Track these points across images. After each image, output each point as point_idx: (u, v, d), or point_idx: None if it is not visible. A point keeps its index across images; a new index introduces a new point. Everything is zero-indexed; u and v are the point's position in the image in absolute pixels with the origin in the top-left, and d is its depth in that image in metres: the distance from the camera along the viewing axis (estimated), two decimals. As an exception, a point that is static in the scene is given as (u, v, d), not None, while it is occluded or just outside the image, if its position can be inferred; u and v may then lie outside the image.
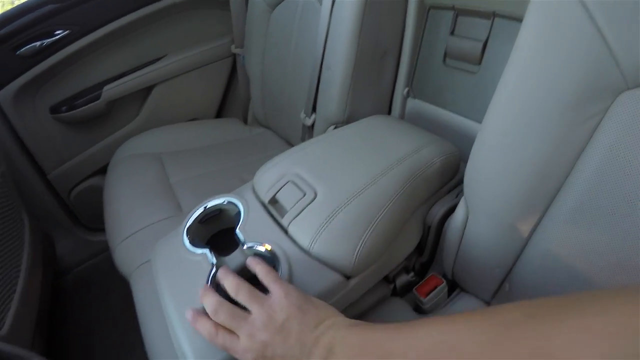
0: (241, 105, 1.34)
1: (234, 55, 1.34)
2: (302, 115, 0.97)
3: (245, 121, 1.35)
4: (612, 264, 0.44)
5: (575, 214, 0.46)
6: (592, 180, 0.44)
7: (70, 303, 1.22)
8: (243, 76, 1.29)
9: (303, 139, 1.02)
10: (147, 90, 1.31)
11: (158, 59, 1.29)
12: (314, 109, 0.93)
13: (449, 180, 0.71)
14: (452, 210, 0.65)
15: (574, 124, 0.43)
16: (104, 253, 1.31)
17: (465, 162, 0.57)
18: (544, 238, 0.51)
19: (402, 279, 0.72)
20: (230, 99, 1.46)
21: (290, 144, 1.14)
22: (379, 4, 0.77)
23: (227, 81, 1.42)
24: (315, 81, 0.90)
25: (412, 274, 0.74)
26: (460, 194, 0.61)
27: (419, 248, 0.76)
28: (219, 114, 1.47)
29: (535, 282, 0.54)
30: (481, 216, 0.57)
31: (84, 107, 1.21)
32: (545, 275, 0.52)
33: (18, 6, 1.13)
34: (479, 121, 0.64)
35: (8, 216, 0.92)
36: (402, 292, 0.73)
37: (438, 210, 0.68)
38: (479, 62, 0.73)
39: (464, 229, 0.61)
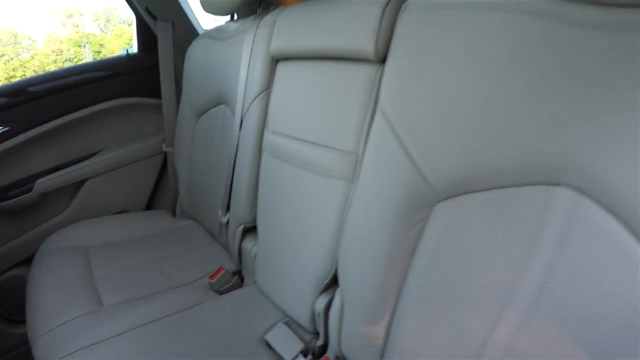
0: (170, 199, 1.45)
1: (165, 153, 1.47)
2: (220, 213, 1.10)
3: (174, 214, 1.45)
4: (451, 336, 0.58)
5: (417, 299, 0.62)
6: (425, 272, 0.60)
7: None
8: (173, 172, 1.42)
9: (220, 235, 1.14)
10: (79, 184, 1.39)
11: (92, 154, 1.39)
12: (228, 209, 1.07)
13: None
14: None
15: (405, 229, 0.61)
16: (23, 346, 1.29)
17: None
18: (401, 319, 0.65)
19: (300, 363, 0.83)
20: (160, 192, 1.57)
21: (214, 236, 1.26)
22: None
23: (158, 176, 1.54)
24: (229, 184, 1.05)
25: (310, 356, 0.85)
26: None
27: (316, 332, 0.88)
28: (149, 206, 1.56)
29: (412, 350, 0.66)
30: (351, 303, 0.72)
31: (15, 198, 1.26)
32: (409, 350, 0.65)
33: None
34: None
35: None
36: (301, 375, 0.83)
37: (324, 298, 0.81)
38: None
39: (342, 314, 0.75)
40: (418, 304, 0.62)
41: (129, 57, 1.44)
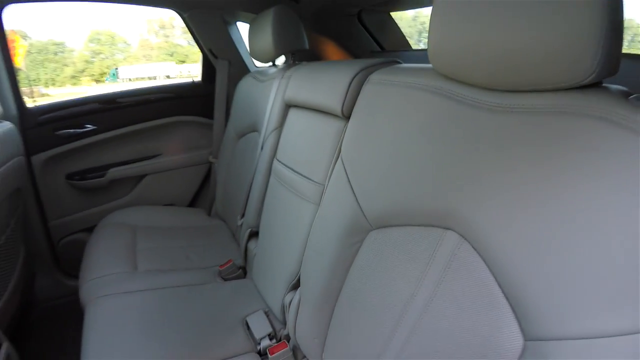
0: (208, 200, 1.76)
1: (211, 163, 1.80)
2: (238, 217, 1.37)
3: (209, 213, 1.76)
4: (364, 337, 0.73)
5: (347, 305, 0.79)
6: (354, 283, 0.77)
7: (35, 334, 1.50)
8: (213, 179, 1.73)
9: (236, 235, 1.41)
10: (140, 177, 1.75)
11: (154, 156, 1.75)
12: (243, 215, 1.34)
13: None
14: None
15: (345, 246, 0.78)
16: (72, 296, 1.62)
17: None
18: (336, 318, 0.83)
19: (265, 343, 1.04)
20: (202, 194, 1.89)
21: (234, 236, 1.53)
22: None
23: (202, 180, 1.87)
24: (247, 195, 1.32)
25: (274, 340, 1.05)
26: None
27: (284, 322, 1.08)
28: (192, 204, 1.89)
29: (341, 346, 0.83)
30: (305, 300, 0.91)
31: (91, 180, 1.64)
32: (339, 345, 0.82)
33: (67, 101, 1.62)
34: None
35: (12, 245, 1.24)
36: (264, 353, 1.04)
37: (291, 295, 1.02)
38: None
39: (298, 309, 0.95)
40: (346, 308, 0.79)
41: (193, 84, 1.80)
